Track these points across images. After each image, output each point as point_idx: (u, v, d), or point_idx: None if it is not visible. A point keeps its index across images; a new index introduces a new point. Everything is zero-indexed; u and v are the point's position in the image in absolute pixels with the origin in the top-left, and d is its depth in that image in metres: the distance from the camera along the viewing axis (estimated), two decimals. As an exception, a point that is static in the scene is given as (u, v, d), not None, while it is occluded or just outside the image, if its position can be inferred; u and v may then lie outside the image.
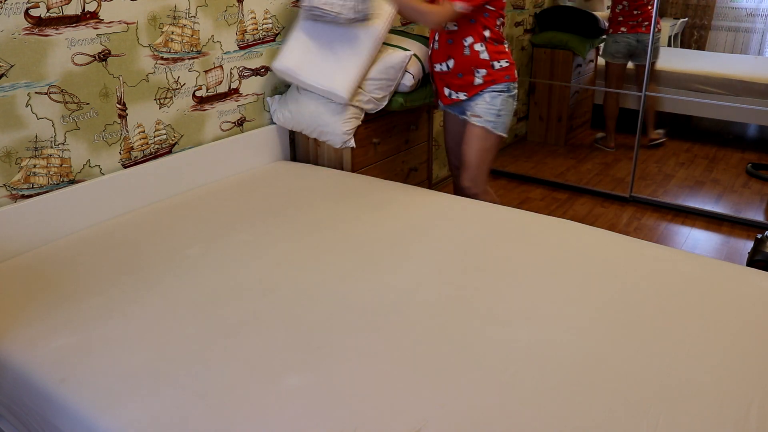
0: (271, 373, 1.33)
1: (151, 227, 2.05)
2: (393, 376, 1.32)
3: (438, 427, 1.18)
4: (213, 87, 2.47)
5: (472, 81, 2.47)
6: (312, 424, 1.19)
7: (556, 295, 1.62)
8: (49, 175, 2.01)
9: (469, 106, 2.52)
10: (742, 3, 4.90)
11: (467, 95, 2.50)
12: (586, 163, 4.42)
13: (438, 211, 2.13)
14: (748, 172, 4.19)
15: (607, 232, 1.99)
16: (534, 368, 1.34)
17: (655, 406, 1.23)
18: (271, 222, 2.06)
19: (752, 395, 1.26)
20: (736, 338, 1.45)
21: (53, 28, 1.92)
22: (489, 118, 2.47)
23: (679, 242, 3.28)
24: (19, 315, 1.56)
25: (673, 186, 3.98)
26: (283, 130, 2.76)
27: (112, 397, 1.28)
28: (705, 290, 1.65)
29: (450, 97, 2.57)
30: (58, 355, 1.41)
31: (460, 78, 2.48)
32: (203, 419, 1.21)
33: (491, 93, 2.46)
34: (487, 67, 2.44)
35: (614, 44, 4.44)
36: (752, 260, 2.56)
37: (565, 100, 4.66)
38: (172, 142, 2.37)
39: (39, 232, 1.95)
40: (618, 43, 4.43)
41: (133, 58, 2.16)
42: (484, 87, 2.46)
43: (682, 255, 1.84)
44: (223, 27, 2.44)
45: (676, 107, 4.71)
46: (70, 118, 2.02)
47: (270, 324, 1.51)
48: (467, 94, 2.50)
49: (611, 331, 1.48)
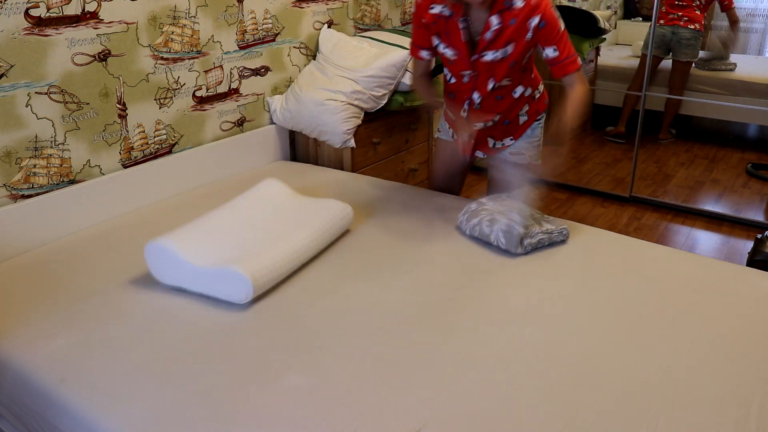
0: (271, 373, 1.33)
1: (151, 227, 2.05)
2: (393, 376, 1.32)
3: (438, 427, 1.18)
4: (213, 87, 2.47)
5: (517, 122, 2.12)
6: (312, 424, 1.19)
7: (555, 295, 1.62)
8: (49, 175, 2.01)
9: (511, 145, 2.18)
10: (742, 3, 4.90)
11: (513, 138, 2.16)
12: (586, 163, 4.42)
13: (437, 211, 2.13)
14: (748, 172, 4.19)
15: (605, 232, 1.99)
16: (534, 368, 1.34)
17: (655, 406, 1.23)
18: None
19: (752, 395, 1.26)
20: (736, 338, 1.45)
21: (53, 28, 1.92)
22: (531, 153, 2.18)
23: (679, 242, 3.28)
24: (19, 315, 1.56)
25: (673, 186, 3.98)
26: (283, 130, 2.76)
27: (112, 396, 1.28)
28: (705, 290, 1.65)
29: (495, 147, 2.18)
30: (58, 355, 1.41)
31: (506, 125, 2.12)
32: (203, 419, 1.21)
33: (532, 125, 2.16)
34: (530, 101, 2.11)
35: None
36: (752, 260, 2.56)
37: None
38: (172, 142, 2.37)
39: (39, 232, 1.95)
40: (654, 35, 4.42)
41: (133, 58, 2.16)
42: (529, 123, 2.14)
43: (682, 255, 1.84)
44: (223, 27, 2.44)
45: (679, 107, 4.71)
46: (70, 118, 2.02)
47: (270, 324, 1.51)
48: (514, 138, 2.15)
49: (611, 331, 1.48)
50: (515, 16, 1.83)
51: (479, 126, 2.04)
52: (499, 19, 1.84)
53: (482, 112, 2.06)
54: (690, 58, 4.34)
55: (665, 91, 4.46)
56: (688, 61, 4.37)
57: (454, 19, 1.89)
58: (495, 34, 1.86)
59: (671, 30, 4.34)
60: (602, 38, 4.75)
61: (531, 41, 1.87)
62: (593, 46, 4.63)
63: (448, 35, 1.93)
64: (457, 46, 1.93)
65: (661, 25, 4.36)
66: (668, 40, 4.39)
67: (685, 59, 4.31)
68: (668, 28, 4.34)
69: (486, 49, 1.89)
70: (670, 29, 4.34)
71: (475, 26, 1.90)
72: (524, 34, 1.85)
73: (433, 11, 1.91)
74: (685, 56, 4.30)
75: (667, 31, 4.35)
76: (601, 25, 4.57)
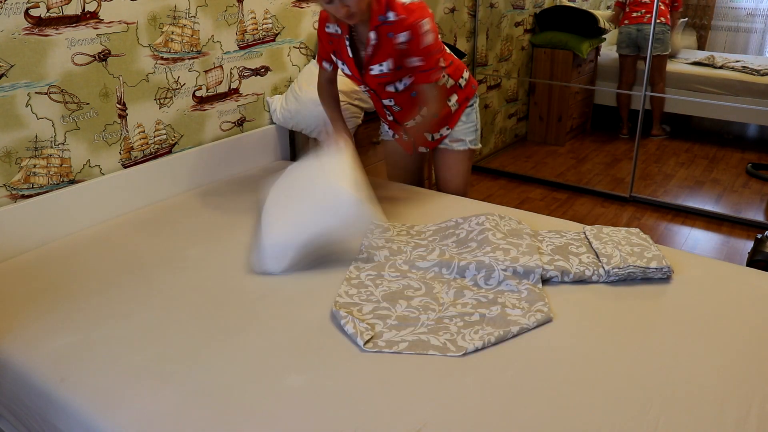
0: (271, 373, 1.33)
1: (151, 227, 2.05)
2: (393, 376, 1.32)
3: (438, 427, 1.18)
4: (213, 87, 2.47)
5: (448, 112, 2.21)
6: (312, 424, 1.19)
7: (554, 296, 1.62)
8: (49, 175, 2.01)
9: (449, 134, 2.28)
10: (742, 3, 4.90)
11: (450, 127, 2.25)
12: (586, 163, 4.42)
13: (437, 212, 2.13)
14: (748, 172, 4.19)
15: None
16: (534, 368, 1.34)
17: (655, 406, 1.23)
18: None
19: (752, 395, 1.26)
20: (736, 338, 1.45)
21: (53, 28, 1.92)
22: (470, 138, 2.28)
23: (679, 242, 3.28)
24: (19, 315, 1.56)
25: (673, 186, 3.98)
26: (283, 130, 2.76)
27: (112, 397, 1.28)
28: (705, 290, 1.65)
29: (434, 139, 2.28)
30: (58, 355, 1.41)
31: (438, 117, 2.17)
32: (203, 419, 1.21)
33: (465, 111, 2.25)
34: (455, 90, 2.20)
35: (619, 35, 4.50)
36: (752, 260, 2.55)
37: (564, 100, 4.66)
38: (172, 142, 2.37)
39: (39, 232, 1.95)
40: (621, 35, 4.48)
41: (133, 58, 2.16)
42: (461, 110, 2.23)
43: (681, 255, 1.84)
44: (223, 27, 2.44)
45: (676, 107, 4.71)
46: (70, 118, 2.02)
47: (270, 324, 1.51)
48: (450, 126, 2.25)
49: (611, 331, 1.48)
50: (391, 29, 1.90)
51: (411, 123, 2.12)
52: (376, 34, 1.92)
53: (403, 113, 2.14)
54: (660, 52, 4.38)
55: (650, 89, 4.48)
56: (660, 55, 4.40)
57: (343, 36, 1.99)
58: (374, 49, 1.95)
59: (636, 28, 4.41)
60: (602, 38, 4.76)
61: (406, 51, 1.93)
62: (593, 46, 4.64)
63: (340, 52, 2.04)
64: (347, 60, 2.04)
65: (626, 25, 4.44)
66: (635, 38, 4.44)
67: (655, 53, 4.32)
68: (633, 26, 4.42)
69: (370, 63, 1.99)
70: (635, 27, 4.41)
71: (359, 43, 2.00)
72: (397, 47, 1.92)
73: (328, 30, 2.04)
74: (655, 50, 4.31)
75: (633, 29, 4.42)
76: (601, 25, 4.57)
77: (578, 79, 4.70)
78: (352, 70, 2.05)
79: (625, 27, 4.48)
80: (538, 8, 4.70)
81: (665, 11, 4.38)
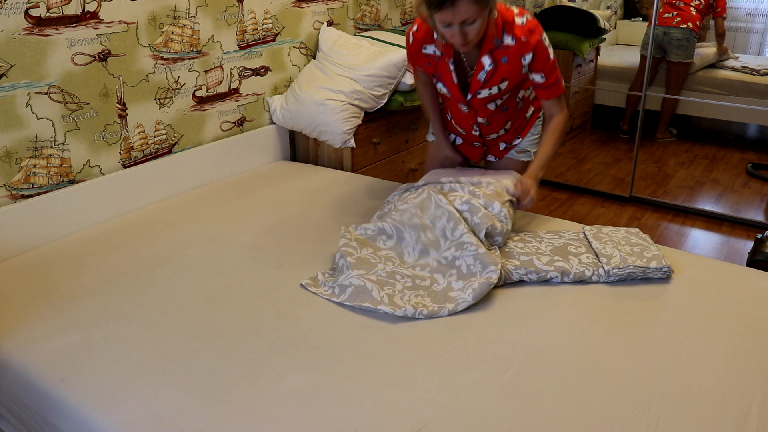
0: (271, 373, 1.33)
1: (151, 227, 2.05)
2: (393, 376, 1.32)
3: (438, 427, 1.18)
4: (213, 87, 2.47)
5: (524, 122, 2.10)
6: (312, 424, 1.19)
7: (554, 296, 1.62)
8: (49, 175, 2.01)
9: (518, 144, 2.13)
10: (742, 3, 4.90)
11: (521, 137, 2.11)
12: (586, 163, 4.42)
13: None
14: (748, 172, 4.19)
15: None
16: (534, 368, 1.34)
17: (655, 406, 1.23)
18: (271, 222, 2.06)
19: (752, 395, 1.26)
20: (735, 338, 1.45)
21: (53, 28, 1.92)
22: (534, 150, 2.12)
23: (679, 242, 3.28)
24: (19, 315, 1.56)
25: (673, 186, 3.98)
26: (283, 130, 2.76)
27: (112, 396, 1.28)
28: (705, 290, 1.65)
29: (505, 149, 2.14)
30: (58, 355, 1.41)
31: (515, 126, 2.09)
32: (203, 419, 1.21)
33: (535, 122, 2.13)
34: (533, 101, 2.10)
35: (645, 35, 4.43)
36: (752, 260, 2.55)
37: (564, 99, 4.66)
38: (172, 142, 2.37)
39: (39, 232, 1.95)
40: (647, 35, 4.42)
41: (133, 58, 2.16)
42: (532, 121, 2.11)
43: (681, 255, 1.84)
44: (223, 27, 2.44)
45: (676, 107, 4.71)
46: (70, 118, 2.02)
47: (270, 324, 1.51)
48: (521, 136, 2.11)
49: (611, 331, 1.48)
50: (507, 54, 1.80)
51: (493, 137, 2.06)
52: (490, 59, 1.81)
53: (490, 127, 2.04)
54: (682, 59, 4.32)
55: (664, 92, 4.46)
56: (681, 62, 4.35)
57: (445, 60, 1.87)
58: (488, 75, 1.84)
59: (663, 30, 4.34)
60: (602, 38, 4.75)
61: (525, 74, 1.87)
62: (593, 46, 4.64)
63: (441, 75, 1.91)
64: (449, 86, 1.91)
65: (656, 26, 4.36)
66: (660, 41, 4.39)
67: (676, 59, 4.29)
68: (660, 28, 4.33)
69: (480, 88, 1.87)
70: (662, 29, 4.34)
71: (466, 66, 1.88)
72: (519, 71, 1.84)
73: (426, 51, 1.89)
74: (676, 57, 4.28)
75: (660, 31, 4.36)
76: (601, 25, 4.57)
77: (578, 79, 4.70)
78: (455, 95, 1.93)
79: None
80: (538, 8, 4.70)
81: (696, 16, 4.25)
